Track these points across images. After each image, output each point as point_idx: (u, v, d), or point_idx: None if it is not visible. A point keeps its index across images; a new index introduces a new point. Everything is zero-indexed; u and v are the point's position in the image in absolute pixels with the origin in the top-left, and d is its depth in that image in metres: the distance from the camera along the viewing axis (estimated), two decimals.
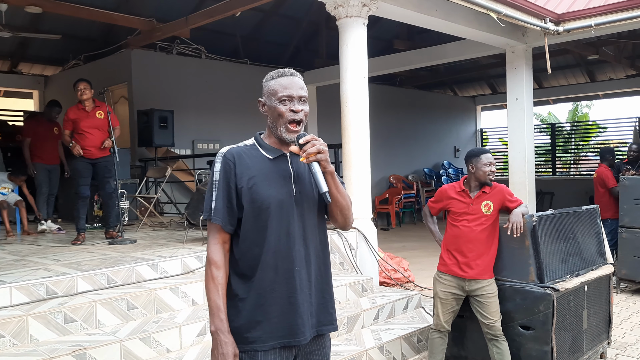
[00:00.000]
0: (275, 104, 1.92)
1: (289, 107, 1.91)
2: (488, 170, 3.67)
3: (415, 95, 15.34)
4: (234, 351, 1.86)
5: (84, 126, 5.83)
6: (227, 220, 1.91)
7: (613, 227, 6.46)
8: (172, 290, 4.09)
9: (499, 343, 3.62)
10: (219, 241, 1.93)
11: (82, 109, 5.88)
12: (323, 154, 1.84)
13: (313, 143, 1.83)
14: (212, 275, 1.90)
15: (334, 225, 2.07)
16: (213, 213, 1.92)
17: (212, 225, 1.94)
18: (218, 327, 1.87)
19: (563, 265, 3.89)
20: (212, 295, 1.89)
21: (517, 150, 8.17)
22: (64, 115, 5.95)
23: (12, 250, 5.41)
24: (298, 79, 1.97)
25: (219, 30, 10.62)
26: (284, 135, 1.92)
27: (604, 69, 14.36)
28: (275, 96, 1.92)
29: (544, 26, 7.01)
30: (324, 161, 1.85)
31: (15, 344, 3.30)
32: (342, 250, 5.61)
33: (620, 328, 5.04)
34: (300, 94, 1.93)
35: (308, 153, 1.83)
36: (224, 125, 10.44)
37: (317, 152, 1.83)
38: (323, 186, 1.84)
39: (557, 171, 16.11)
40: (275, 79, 1.95)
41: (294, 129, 1.91)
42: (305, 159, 1.84)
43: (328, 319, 2.02)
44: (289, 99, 1.91)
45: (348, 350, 4.05)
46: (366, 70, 6.01)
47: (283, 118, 1.91)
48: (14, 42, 10.16)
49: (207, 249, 1.95)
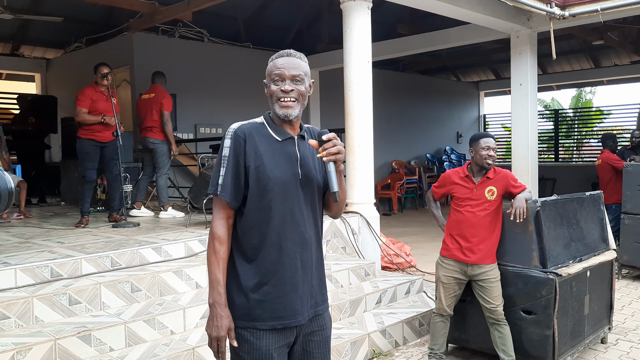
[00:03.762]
0: (269, 84, 1.96)
1: (279, 87, 1.93)
2: (485, 154, 3.66)
3: (418, 80, 15.26)
4: (228, 325, 1.90)
5: (102, 108, 5.80)
6: (234, 196, 1.93)
7: (617, 214, 6.47)
8: (176, 273, 4.11)
9: (500, 327, 3.64)
10: (223, 216, 1.95)
11: (100, 92, 5.86)
12: (341, 155, 1.88)
13: (334, 143, 1.87)
14: (214, 249, 1.92)
15: (326, 212, 2.12)
16: (220, 189, 1.93)
17: (218, 201, 1.95)
18: (216, 300, 1.91)
19: (566, 250, 3.90)
20: (213, 269, 1.92)
21: (521, 137, 8.14)
22: (80, 94, 5.82)
23: (16, 232, 5.43)
24: (295, 59, 1.97)
25: (221, 13, 10.53)
26: (278, 112, 1.94)
27: (609, 54, 14.25)
28: (270, 76, 1.95)
29: (549, 10, 6.94)
30: (340, 161, 1.89)
31: (20, 325, 3.33)
32: (345, 235, 5.62)
33: (621, 314, 5.06)
34: (292, 73, 1.93)
35: (329, 152, 1.86)
36: (227, 110, 10.40)
37: (337, 152, 1.86)
38: (335, 186, 1.88)
39: (560, 158, 16.07)
40: (273, 60, 1.98)
41: (285, 104, 1.93)
42: (326, 158, 1.87)
43: (322, 299, 2.06)
44: (280, 79, 1.93)
45: (350, 333, 4.09)
46: (370, 55, 5.98)
47: (273, 97, 1.94)
48: (15, 24, 10.10)
49: (211, 223, 1.97)
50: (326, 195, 2.05)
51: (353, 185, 5.82)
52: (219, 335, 1.89)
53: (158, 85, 6.69)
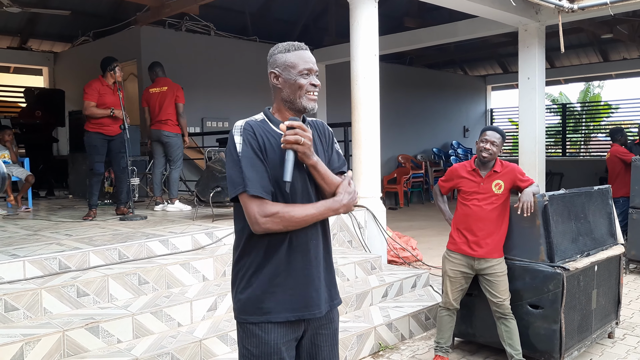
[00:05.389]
0: (295, 77, 1.92)
1: (309, 81, 1.93)
2: (482, 146, 3.65)
3: (425, 74, 15.19)
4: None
5: (109, 102, 5.83)
6: (267, 187, 1.84)
7: (625, 208, 6.45)
8: (183, 266, 4.13)
9: (507, 321, 3.63)
10: (263, 203, 1.82)
11: (107, 85, 5.88)
12: (301, 146, 1.82)
13: (296, 132, 1.82)
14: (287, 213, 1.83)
15: None
16: (249, 185, 1.81)
17: (250, 199, 1.82)
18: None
19: (573, 245, 3.89)
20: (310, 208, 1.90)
21: (528, 131, 8.09)
22: (87, 87, 5.83)
23: (25, 225, 5.47)
24: (311, 53, 2.00)
25: (227, 7, 10.52)
26: (306, 104, 1.94)
27: (618, 48, 14.12)
28: (296, 69, 1.93)
29: (558, 3, 6.89)
30: (302, 153, 1.84)
31: (29, 317, 3.36)
32: (351, 229, 5.62)
33: (628, 308, 5.04)
34: (315, 68, 1.97)
35: (286, 140, 1.82)
36: (233, 103, 10.41)
37: (295, 142, 1.81)
38: (287, 175, 1.81)
39: (567, 152, 15.99)
40: (293, 52, 1.95)
41: (313, 97, 1.95)
42: (282, 145, 1.83)
43: (336, 292, 2.06)
44: (309, 73, 1.94)
45: (357, 326, 4.09)
46: (377, 48, 5.95)
47: (302, 90, 1.93)
48: (23, 18, 10.14)
49: (256, 222, 1.82)
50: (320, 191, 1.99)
51: (359, 179, 5.82)
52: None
53: (167, 78, 6.69)
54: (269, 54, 2.00)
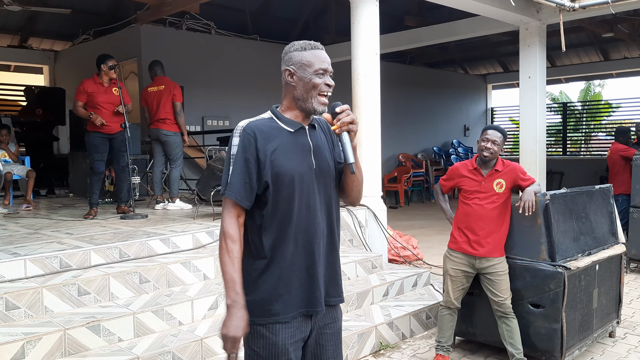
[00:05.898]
0: (310, 76, 1.92)
1: (324, 81, 1.93)
2: (483, 145, 3.66)
3: (426, 73, 15.18)
4: (246, 325, 1.85)
5: (101, 101, 5.79)
6: (243, 195, 1.89)
7: (624, 206, 6.44)
8: (184, 265, 4.13)
9: (508, 320, 3.63)
10: (233, 215, 1.91)
11: (100, 84, 5.85)
12: (355, 125, 1.89)
13: (348, 113, 1.88)
14: (227, 249, 1.88)
15: (343, 201, 2.10)
16: (228, 188, 1.90)
17: (227, 200, 1.91)
18: (235, 300, 1.84)
19: (575, 244, 3.89)
20: (227, 268, 1.87)
21: (528, 130, 8.09)
22: (79, 87, 5.84)
23: (26, 223, 5.47)
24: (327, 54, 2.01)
25: (228, 5, 10.51)
26: (316, 107, 1.94)
27: (618, 47, 14.12)
28: (312, 68, 1.93)
29: (559, 2, 6.89)
30: (354, 132, 1.89)
31: (30, 315, 3.36)
32: (352, 227, 5.62)
33: (629, 307, 5.04)
34: (331, 69, 1.97)
35: (343, 122, 1.87)
36: (234, 102, 10.40)
37: (350, 122, 1.87)
38: (350, 157, 1.88)
39: (568, 151, 15.98)
40: (309, 51, 1.95)
41: (325, 100, 1.95)
42: (339, 128, 1.88)
43: (337, 291, 2.04)
44: (324, 73, 1.94)
45: (357, 325, 4.09)
46: (378, 47, 5.95)
47: (316, 89, 1.93)
48: (23, 16, 10.12)
49: (222, 223, 1.93)
50: (342, 180, 2.02)
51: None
52: (236, 335, 1.83)
53: (165, 77, 6.67)
54: (284, 51, 1.99)
